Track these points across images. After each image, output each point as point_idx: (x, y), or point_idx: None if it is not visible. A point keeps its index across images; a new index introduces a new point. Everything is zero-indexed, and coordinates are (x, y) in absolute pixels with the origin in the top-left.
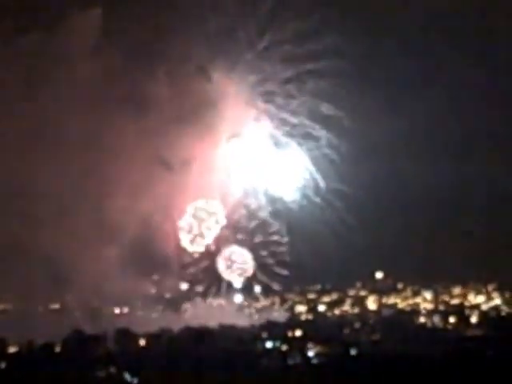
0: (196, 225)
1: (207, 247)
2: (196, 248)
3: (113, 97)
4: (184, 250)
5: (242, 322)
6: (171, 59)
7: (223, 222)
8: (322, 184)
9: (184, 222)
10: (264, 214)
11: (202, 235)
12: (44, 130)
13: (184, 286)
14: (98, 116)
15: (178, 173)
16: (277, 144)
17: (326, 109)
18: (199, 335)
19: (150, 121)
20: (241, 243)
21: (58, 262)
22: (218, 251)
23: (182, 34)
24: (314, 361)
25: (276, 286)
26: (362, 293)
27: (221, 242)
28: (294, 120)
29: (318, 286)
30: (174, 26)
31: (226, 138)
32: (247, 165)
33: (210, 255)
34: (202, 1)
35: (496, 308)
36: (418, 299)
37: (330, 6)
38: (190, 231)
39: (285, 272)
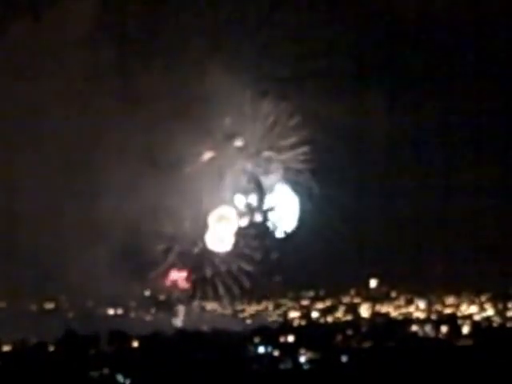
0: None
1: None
2: None
3: (103, 91)
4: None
5: (234, 326)
6: (166, 53)
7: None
8: (315, 190)
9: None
10: (256, 219)
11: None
12: (29, 124)
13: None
14: (86, 110)
15: (168, 173)
16: (272, 147)
17: (324, 110)
18: (192, 338)
19: (142, 117)
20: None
21: (50, 262)
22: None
23: (178, 27)
24: (306, 367)
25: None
26: (356, 300)
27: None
28: (290, 122)
29: (312, 293)
30: (170, 18)
31: (220, 138)
32: (240, 168)
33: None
34: None
35: (488, 319)
36: (411, 308)
37: (330, 4)
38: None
39: (278, 278)
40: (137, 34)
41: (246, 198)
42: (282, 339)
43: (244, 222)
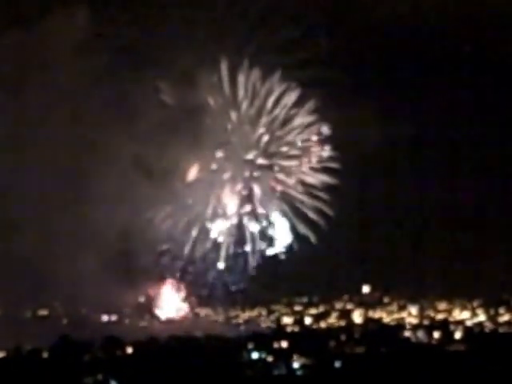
0: None
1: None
2: None
3: (96, 101)
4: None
5: (228, 332)
6: (158, 64)
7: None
8: (309, 201)
9: None
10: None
11: None
12: (23, 132)
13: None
14: (80, 119)
15: (160, 183)
16: (264, 156)
17: (316, 121)
18: (186, 344)
19: (134, 126)
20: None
21: (44, 269)
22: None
23: (169, 39)
24: (299, 372)
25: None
26: (349, 306)
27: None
28: (282, 132)
29: (305, 299)
30: (161, 30)
31: (211, 148)
32: (232, 179)
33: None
34: (190, 5)
35: (480, 324)
36: (404, 314)
37: (319, 14)
38: None
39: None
40: (128, 45)
41: (240, 208)
42: (275, 345)
43: (235, 235)
